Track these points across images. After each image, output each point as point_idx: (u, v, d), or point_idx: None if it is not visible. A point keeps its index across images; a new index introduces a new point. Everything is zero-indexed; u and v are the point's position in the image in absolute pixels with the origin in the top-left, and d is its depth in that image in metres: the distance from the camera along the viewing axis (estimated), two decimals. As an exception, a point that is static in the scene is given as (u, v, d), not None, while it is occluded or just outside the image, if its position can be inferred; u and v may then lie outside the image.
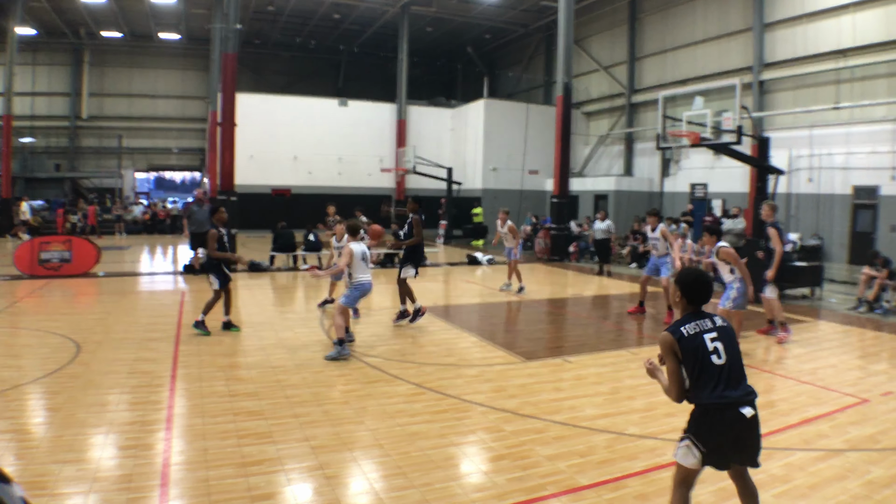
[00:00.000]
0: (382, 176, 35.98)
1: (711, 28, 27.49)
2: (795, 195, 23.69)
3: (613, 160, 34.12)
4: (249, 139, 31.21)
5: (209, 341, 9.21)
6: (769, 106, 24.89)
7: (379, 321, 11.27)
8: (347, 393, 7.01)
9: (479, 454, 5.49)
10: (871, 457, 5.59)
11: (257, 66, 42.39)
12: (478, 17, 36.26)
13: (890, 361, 9.32)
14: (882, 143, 20.74)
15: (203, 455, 5.21)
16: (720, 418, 3.62)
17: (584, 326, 11.47)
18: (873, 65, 20.99)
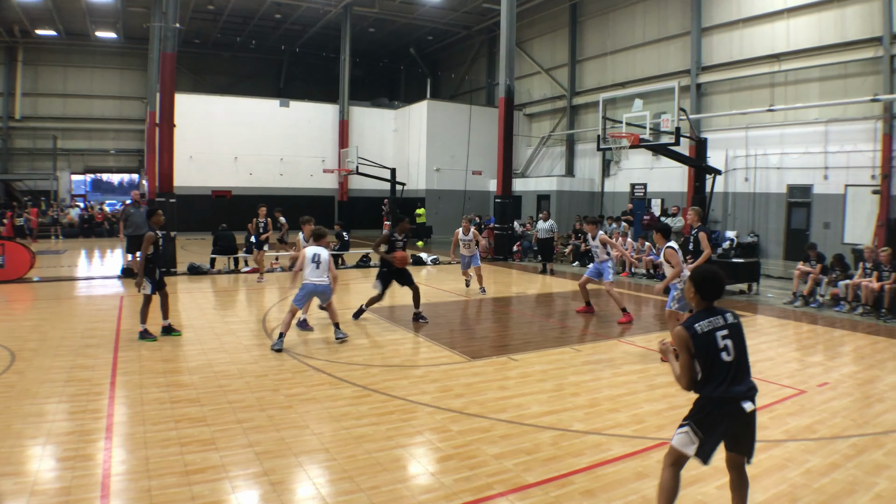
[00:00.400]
0: (325, 177, 35.73)
1: (651, 32, 28.00)
2: (732, 194, 24.30)
3: (555, 161, 34.49)
4: (189, 140, 30.62)
5: (149, 347, 8.98)
6: (706, 108, 25.47)
7: (321, 323, 11.15)
8: (292, 397, 6.89)
9: (426, 455, 5.45)
10: (808, 446, 5.75)
11: (197, 66, 41.69)
12: (420, 19, 36.28)
13: (825, 353, 9.61)
14: (814, 144, 21.42)
15: (145, 464, 5.06)
16: (721, 410, 3.80)
17: (529, 324, 11.54)
18: (806, 69, 21.67)
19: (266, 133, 35.04)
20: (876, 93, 19.18)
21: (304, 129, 36.18)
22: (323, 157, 36.31)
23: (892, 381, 8.01)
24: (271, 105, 35.87)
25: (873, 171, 19.68)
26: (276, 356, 8.58)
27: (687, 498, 4.69)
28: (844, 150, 20.54)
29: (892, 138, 19.16)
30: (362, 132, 37.07)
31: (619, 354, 9.26)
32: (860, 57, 20.00)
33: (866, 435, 6.08)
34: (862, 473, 5.17)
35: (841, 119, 20.68)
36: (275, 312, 11.94)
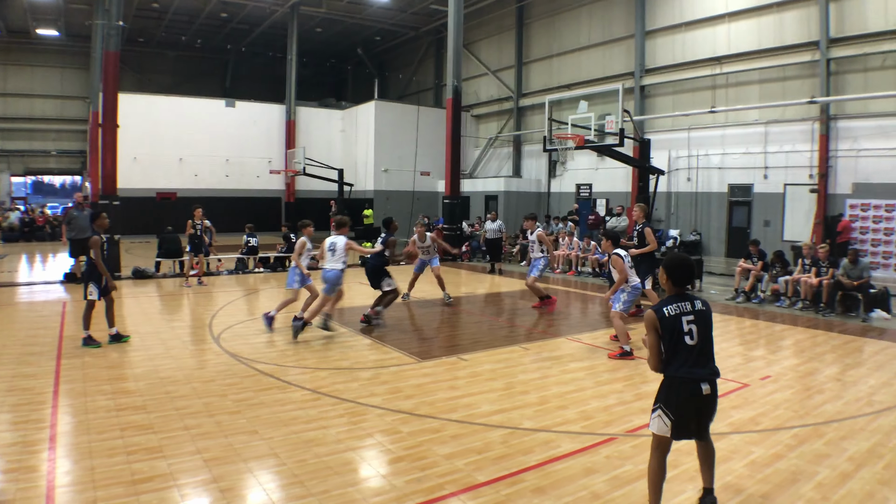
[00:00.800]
0: (272, 178, 35.30)
1: (596, 35, 28.36)
2: (675, 194, 24.76)
3: (503, 162, 34.69)
4: (133, 141, 29.99)
5: (94, 353, 8.76)
6: (650, 109, 25.91)
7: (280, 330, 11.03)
8: (240, 402, 6.80)
9: (376, 457, 5.43)
10: (752, 438, 5.91)
11: (141, 65, 40.82)
12: (368, 19, 36.14)
13: (767, 347, 9.86)
14: (755, 145, 21.97)
15: (90, 475, 4.93)
16: (683, 390, 4.14)
17: (478, 324, 11.59)
18: (746, 72, 22.23)
19: (212, 134, 34.47)
20: (813, 95, 19.75)
21: (250, 129, 35.70)
22: (269, 158, 35.88)
23: (831, 373, 8.27)
24: (217, 105, 35.30)
25: (811, 171, 20.27)
26: (223, 361, 8.46)
27: (635, 492, 4.77)
28: (783, 151, 21.12)
29: (829, 139, 19.75)
30: (309, 133, 36.79)
31: (566, 352, 9.37)
32: (798, 60, 20.58)
33: (807, 425, 6.27)
34: (804, 463, 5.34)
35: (780, 120, 21.25)
36: (221, 316, 11.76)
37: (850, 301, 12.90)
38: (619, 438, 5.87)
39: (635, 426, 6.18)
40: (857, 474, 5.14)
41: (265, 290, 15.59)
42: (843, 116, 19.61)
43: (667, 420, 4.18)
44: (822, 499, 4.72)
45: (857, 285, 12.56)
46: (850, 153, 19.43)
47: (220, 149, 34.75)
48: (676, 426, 4.17)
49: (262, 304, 13.38)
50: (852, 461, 5.39)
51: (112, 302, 9.54)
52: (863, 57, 19.11)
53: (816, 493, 4.81)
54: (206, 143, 34.31)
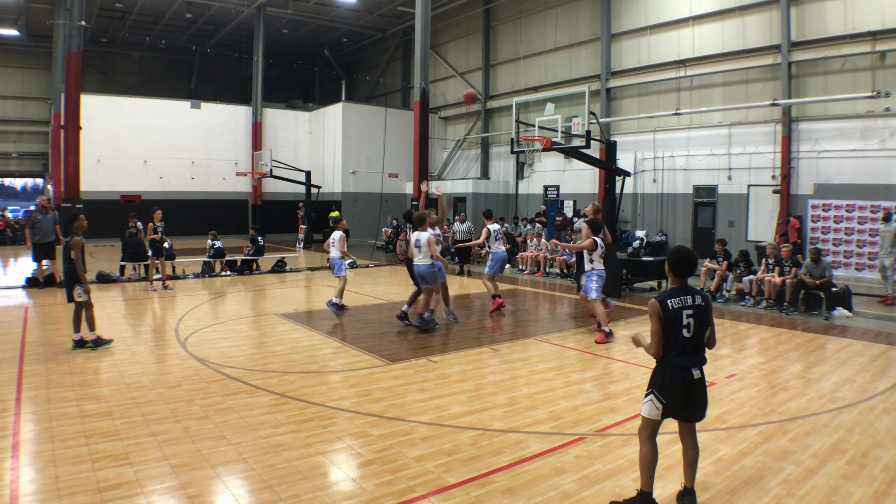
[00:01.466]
0: (238, 180, 34.99)
1: (562, 37, 28.55)
2: (641, 195, 25.01)
3: (471, 163, 34.77)
4: (96, 143, 29.63)
5: (57, 359, 8.61)
6: (616, 112, 26.14)
7: (237, 331, 10.95)
8: (207, 407, 6.73)
9: (346, 461, 5.41)
10: (719, 436, 5.99)
11: (104, 65, 40.28)
12: (335, 21, 36.03)
13: (732, 346, 9.99)
14: (719, 146, 22.28)
15: (55, 483, 4.84)
16: (674, 376, 4.43)
17: (447, 326, 11.58)
18: (710, 74, 22.55)
19: (177, 135, 34.06)
20: (775, 97, 20.07)
21: (216, 131, 35.37)
22: (236, 160, 35.58)
23: (795, 371, 8.41)
24: (182, 107, 34.88)
25: (774, 172, 20.60)
26: (190, 366, 8.36)
27: (604, 491, 4.81)
28: (747, 152, 21.45)
29: (791, 140, 20.10)
30: (276, 134, 36.56)
31: (535, 353, 9.41)
32: (760, 63, 20.92)
33: (772, 422, 6.37)
34: (770, 459, 5.42)
35: (743, 122, 21.58)
36: (188, 321, 11.63)
37: (812, 300, 13.14)
38: (588, 438, 5.91)
39: (604, 426, 6.23)
40: (821, 470, 5.24)
41: (232, 293, 15.43)
42: (805, 119, 19.97)
43: (658, 404, 4.46)
44: (787, 494, 4.80)
45: (819, 284, 12.79)
46: (811, 154, 19.79)
47: (185, 151, 34.35)
48: (667, 409, 4.46)
49: (228, 308, 13.25)
50: (816, 457, 5.49)
51: (91, 306, 9.37)
52: (823, 60, 19.48)
53: (782, 489, 4.89)
54: (172, 144, 33.90)
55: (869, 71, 18.59)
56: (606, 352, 9.47)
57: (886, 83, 18.07)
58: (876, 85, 18.18)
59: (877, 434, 6.08)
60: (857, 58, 18.78)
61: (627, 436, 5.94)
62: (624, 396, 7.21)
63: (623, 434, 6.02)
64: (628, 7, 25.47)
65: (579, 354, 9.33)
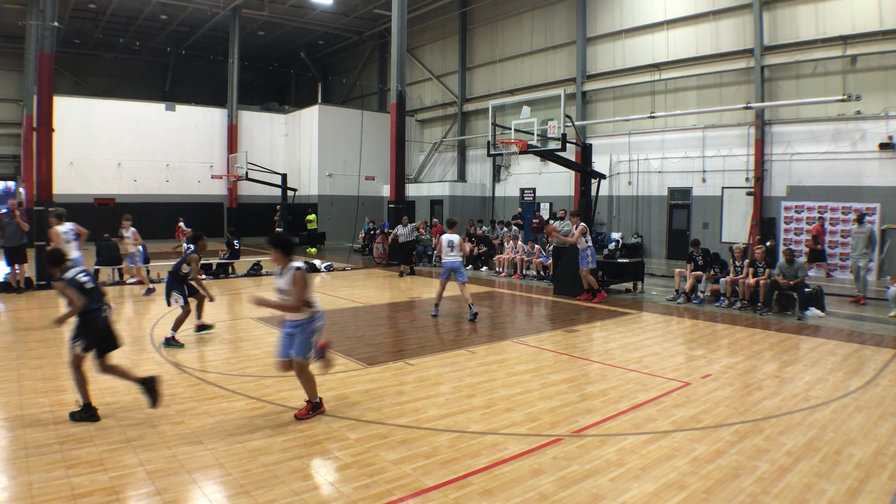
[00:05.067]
0: (213, 183, 34.70)
1: (538, 41, 28.70)
2: (617, 197, 25.19)
3: (447, 166, 34.83)
4: (69, 145, 29.30)
5: (30, 365, 8.49)
6: (591, 115, 26.31)
7: (213, 335, 10.86)
8: (183, 412, 6.66)
9: (324, 465, 5.38)
10: (694, 436, 6.03)
11: (77, 67, 39.82)
12: (311, 23, 35.93)
13: (707, 347, 10.07)
14: (693, 149, 22.51)
15: (28, 490, 4.77)
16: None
17: (424, 329, 11.58)
18: (684, 78, 22.80)
19: (151, 138, 33.72)
20: (748, 101, 20.32)
21: (191, 133, 35.07)
22: (211, 163, 35.31)
23: (769, 370, 8.50)
24: (156, 109, 34.53)
25: (747, 174, 20.86)
26: (165, 371, 8.28)
27: (582, 492, 4.83)
28: (720, 155, 21.70)
29: (764, 143, 20.36)
30: (252, 137, 36.36)
31: (512, 355, 9.43)
32: (733, 67, 21.18)
33: (747, 422, 6.43)
34: (745, 458, 5.47)
35: (717, 125, 21.82)
36: (163, 325, 11.52)
37: (786, 300, 13.29)
38: (565, 439, 5.93)
39: (581, 426, 6.26)
40: (795, 468, 5.30)
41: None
42: (777, 122, 20.23)
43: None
44: (762, 492, 4.84)
45: (792, 285, 12.93)
46: (784, 157, 20.05)
47: (159, 153, 34.02)
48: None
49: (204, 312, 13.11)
50: (790, 455, 5.55)
51: (202, 301, 10.72)
52: (795, 64, 19.78)
53: (757, 486, 4.94)
54: (146, 147, 33.56)
55: (840, 75, 18.89)
56: (583, 353, 9.52)
57: (857, 87, 18.37)
58: (847, 88, 18.48)
59: (849, 432, 6.16)
60: (829, 62, 19.09)
61: (604, 436, 5.98)
62: (600, 397, 7.24)
63: (600, 434, 6.05)
64: (603, 11, 25.65)
65: (556, 356, 9.36)
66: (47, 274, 15.77)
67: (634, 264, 16.74)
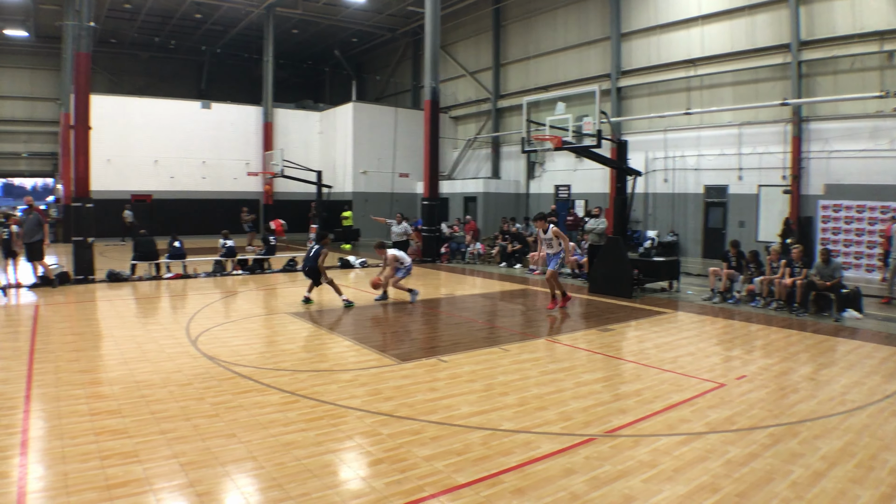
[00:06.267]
0: (249, 180, 35.06)
1: (572, 37, 28.52)
2: (652, 195, 24.96)
3: (481, 163, 34.77)
4: (106, 143, 29.75)
5: (67, 357, 8.66)
6: (626, 111, 26.09)
7: (248, 329, 10.98)
8: (217, 405, 6.75)
9: (356, 460, 5.41)
10: (728, 437, 5.95)
11: (114, 66, 40.45)
12: (345, 21, 36.07)
13: (742, 347, 9.95)
14: (729, 146, 22.22)
15: (63, 480, 4.85)
16: None
17: (458, 326, 11.58)
18: (720, 74, 22.49)
19: (187, 135, 34.19)
20: (785, 97, 20.00)
21: (226, 131, 35.48)
22: (247, 160, 35.68)
23: (805, 373, 8.37)
24: (192, 107, 35.00)
25: (784, 172, 20.53)
26: (200, 364, 8.40)
27: (614, 492, 4.80)
28: (757, 152, 21.38)
29: (801, 140, 20.02)
30: (287, 135, 36.65)
31: (546, 353, 9.40)
32: (770, 63, 20.85)
33: (782, 425, 6.34)
34: (779, 462, 5.39)
35: (753, 122, 21.52)
36: (199, 319, 11.67)
37: (822, 301, 13.06)
38: (598, 439, 5.90)
39: (614, 426, 6.22)
40: (829, 473, 5.21)
41: (243, 292, 15.49)
42: (815, 118, 19.89)
43: None
44: (796, 497, 4.78)
45: (829, 286, 12.71)
46: (821, 155, 19.71)
47: (196, 151, 34.48)
48: None
49: (240, 307, 13.31)
50: (825, 460, 5.47)
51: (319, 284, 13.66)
52: (833, 59, 19.41)
53: (791, 491, 4.87)
54: (182, 145, 34.04)
55: (878, 70, 18.53)
56: (617, 352, 9.46)
57: (895, 83, 17.99)
58: (884, 85, 18.10)
59: (885, 437, 6.05)
60: (866, 57, 18.72)
61: (637, 437, 5.94)
62: (634, 397, 7.19)
63: (633, 435, 6.00)
64: (638, 6, 25.41)
65: (590, 355, 9.31)
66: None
67: (670, 263, 16.58)
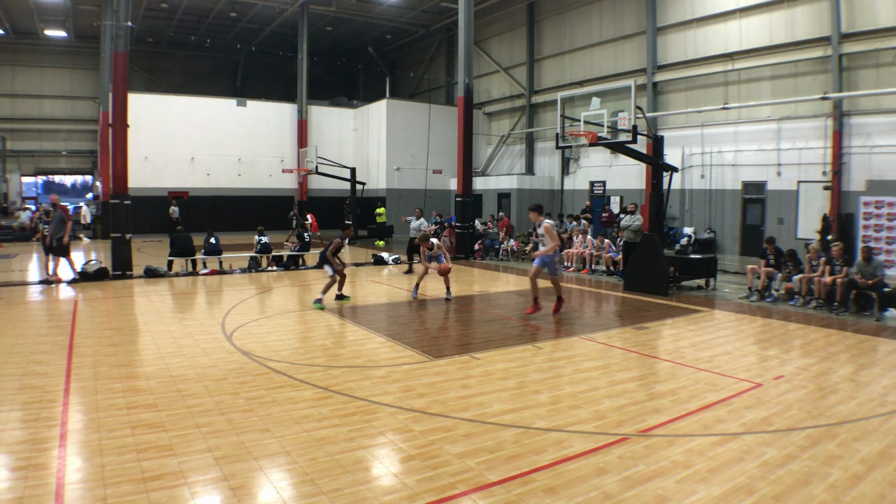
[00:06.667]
0: (284, 177, 35.41)
1: (607, 31, 28.29)
2: (689, 191, 24.67)
3: (515, 159, 34.66)
4: (143, 140, 30.21)
5: (104, 352, 8.81)
6: (663, 106, 25.80)
7: (283, 325, 11.06)
8: (251, 400, 6.81)
9: (388, 456, 5.42)
10: (765, 439, 5.85)
11: (150, 65, 41.12)
12: (378, 18, 36.18)
13: (780, 347, 9.78)
14: (767, 141, 21.85)
15: (100, 472, 4.94)
16: None
17: (491, 323, 11.55)
18: (758, 68, 22.14)
19: (223, 133, 34.64)
20: (825, 91, 19.63)
21: (261, 128, 35.85)
22: (282, 157, 36.01)
23: (844, 373, 8.20)
24: (228, 104, 35.44)
25: (824, 168, 20.15)
26: (235, 360, 8.48)
27: (647, 493, 4.75)
28: (796, 147, 21.01)
29: (842, 135, 19.63)
30: (321, 132, 36.90)
31: (580, 351, 9.33)
32: (810, 56, 20.47)
33: (820, 426, 6.21)
34: (817, 464, 5.28)
35: (792, 117, 21.14)
36: (235, 315, 11.79)
37: (864, 300, 12.78)
38: (632, 438, 5.84)
39: (648, 426, 6.15)
40: (869, 476, 5.09)
41: (278, 288, 15.62)
42: (856, 113, 19.48)
43: None
44: (833, 500, 4.67)
45: (870, 284, 12.44)
46: (863, 150, 19.31)
47: (231, 148, 34.92)
48: None
49: (274, 302, 13.42)
50: (864, 463, 5.34)
51: (344, 277, 13.43)
52: (874, 52, 19.00)
53: (828, 494, 4.76)
54: (218, 142, 34.51)
55: (922, 63, 18.12)
56: (652, 351, 9.36)
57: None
58: (929, 78, 17.70)
59: (928, 439, 5.90)
60: (910, 50, 18.30)
61: (672, 437, 5.86)
62: (669, 397, 7.10)
63: (667, 435, 5.93)
64: (673, 0, 25.12)
65: (624, 353, 9.23)
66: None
67: (707, 260, 16.35)
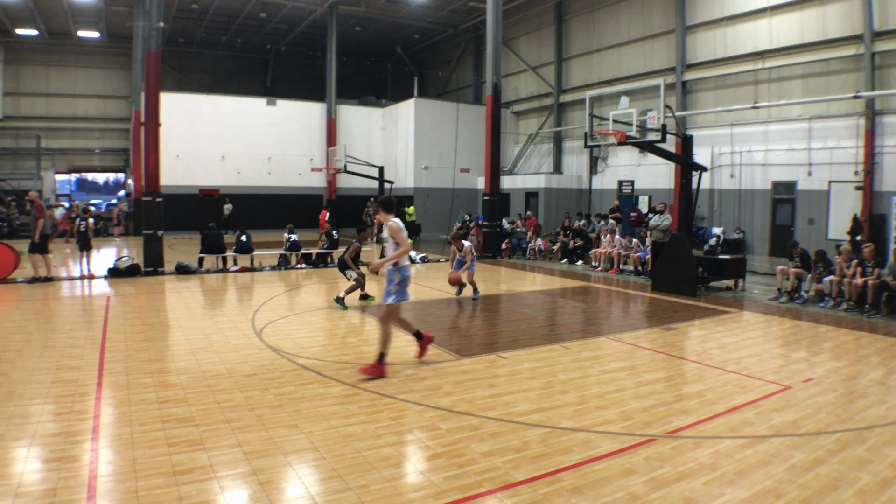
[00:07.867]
0: (313, 175, 35.64)
1: (636, 30, 28.09)
2: (718, 191, 24.44)
3: (543, 158, 34.55)
4: (175, 139, 30.56)
5: (136, 347, 8.96)
6: (692, 105, 25.58)
7: (312, 322, 11.16)
8: (280, 396, 6.89)
9: (415, 453, 5.47)
10: (793, 442, 5.81)
11: (182, 64, 41.56)
12: (406, 17, 36.23)
13: (809, 349, 9.69)
14: (798, 141, 21.58)
15: (132, 465, 5.05)
16: None
17: (518, 322, 11.56)
18: (789, 66, 21.84)
19: (253, 132, 34.96)
20: (858, 90, 19.34)
21: (291, 127, 36.12)
22: (311, 156, 36.23)
23: (875, 377, 8.10)
24: (258, 104, 35.75)
25: (856, 168, 19.85)
26: (265, 356, 8.58)
27: (673, 494, 4.75)
28: (827, 147, 20.71)
29: (874, 135, 19.33)
30: (350, 131, 37.05)
31: (607, 351, 9.32)
32: (841, 54, 20.17)
33: (850, 430, 6.15)
34: (845, 468, 5.24)
35: (824, 116, 20.84)
36: (264, 311, 11.91)
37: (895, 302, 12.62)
38: (659, 440, 5.83)
39: (675, 427, 6.14)
40: (899, 480, 5.05)
41: (307, 285, 15.77)
42: (889, 111, 19.17)
43: None
44: (863, 505, 4.65)
45: (904, 285, 12.26)
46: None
47: (261, 147, 35.25)
48: None
49: (303, 300, 13.55)
50: (894, 467, 5.29)
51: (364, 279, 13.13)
52: (908, 51, 18.69)
53: (857, 499, 4.73)
54: (248, 140, 34.83)
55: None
56: (680, 352, 9.32)
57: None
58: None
59: (961, 443, 5.82)
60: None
61: (699, 438, 5.85)
62: (697, 398, 7.08)
63: (694, 437, 5.91)
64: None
65: (652, 354, 9.20)
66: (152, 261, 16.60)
67: (735, 261, 16.21)
